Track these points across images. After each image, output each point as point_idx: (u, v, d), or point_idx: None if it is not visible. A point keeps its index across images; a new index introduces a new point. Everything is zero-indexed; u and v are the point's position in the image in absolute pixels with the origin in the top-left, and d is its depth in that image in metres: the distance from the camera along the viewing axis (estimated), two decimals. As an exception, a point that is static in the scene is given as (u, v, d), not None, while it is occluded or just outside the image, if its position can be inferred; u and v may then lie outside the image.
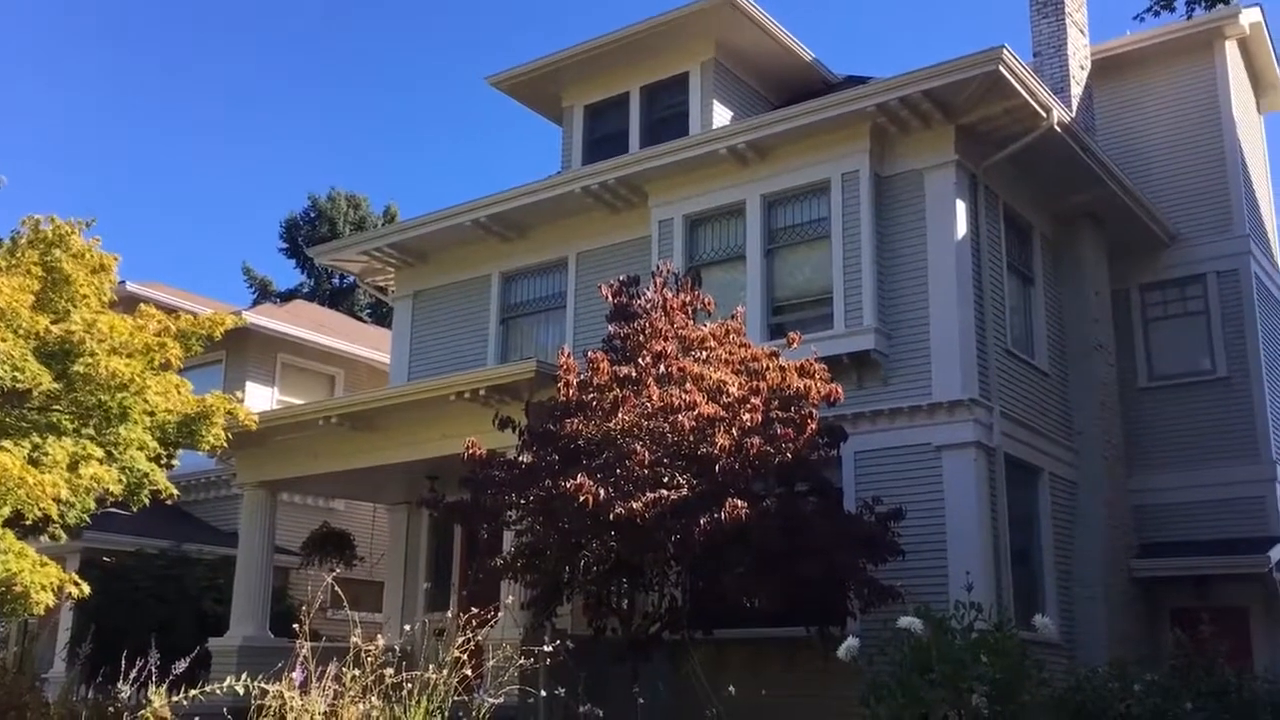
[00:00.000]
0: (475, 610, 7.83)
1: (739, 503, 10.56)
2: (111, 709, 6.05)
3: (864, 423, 13.44)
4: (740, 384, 11.61)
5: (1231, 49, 18.21)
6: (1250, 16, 18.04)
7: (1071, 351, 15.86)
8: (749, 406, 11.37)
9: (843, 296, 13.83)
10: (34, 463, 10.71)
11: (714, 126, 16.11)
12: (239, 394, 14.26)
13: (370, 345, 24.42)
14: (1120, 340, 16.98)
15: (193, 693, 7.30)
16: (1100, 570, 14.76)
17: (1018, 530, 13.72)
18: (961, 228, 13.63)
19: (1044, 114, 13.64)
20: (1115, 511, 15.50)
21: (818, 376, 11.94)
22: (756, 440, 11.14)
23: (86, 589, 12.28)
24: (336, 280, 44.47)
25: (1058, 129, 13.88)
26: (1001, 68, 12.80)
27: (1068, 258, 16.18)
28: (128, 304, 15.56)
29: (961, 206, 13.72)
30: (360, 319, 37.14)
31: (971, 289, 13.59)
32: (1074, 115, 15.84)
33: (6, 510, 10.73)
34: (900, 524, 11.90)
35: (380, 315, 38.08)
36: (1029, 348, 15.03)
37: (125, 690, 7.18)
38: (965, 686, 6.39)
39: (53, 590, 11.39)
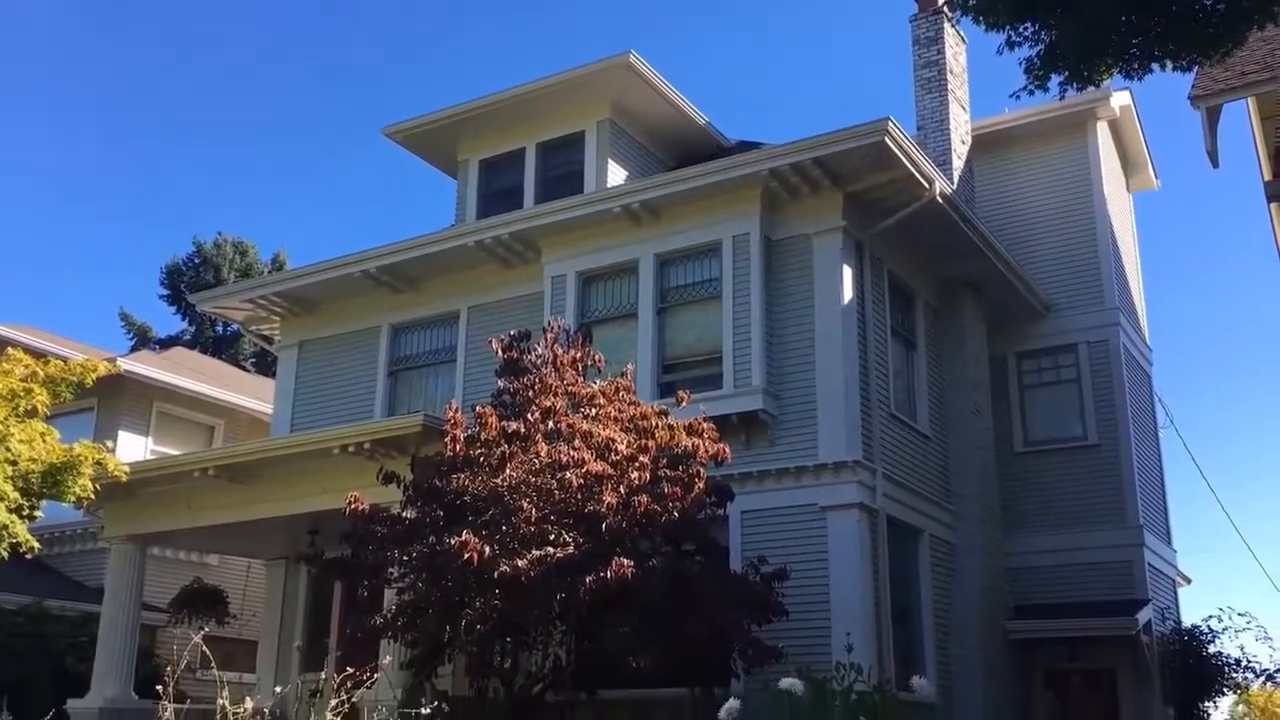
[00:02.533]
0: (352, 670, 7.61)
1: (625, 561, 10.51)
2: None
3: (751, 482, 13.55)
4: (629, 442, 11.61)
5: (1103, 130, 19.14)
6: (1120, 100, 18.99)
7: (951, 416, 16.28)
8: (637, 465, 11.37)
9: (732, 357, 13.99)
10: (-118, 512, 10.14)
11: (609, 185, 16.27)
12: (110, 443, 13.75)
13: (253, 395, 23.80)
14: (998, 406, 17.50)
15: (46, 758, 6.94)
16: (977, 631, 15.05)
17: (898, 591, 13.93)
18: (848, 292, 13.94)
19: (927, 185, 14.09)
20: (992, 573, 15.85)
21: (706, 436, 12.01)
22: (644, 499, 11.14)
23: (-65, 647, 11.64)
24: (220, 328, 43.37)
25: (940, 200, 14.35)
26: (887, 139, 13.22)
27: (949, 324, 16.67)
28: (-5, 347, 14.91)
29: (848, 272, 14.04)
30: (244, 368, 36.24)
31: (857, 353, 13.87)
32: (955, 187, 16.42)
33: None
34: (785, 584, 11.97)
35: (265, 365, 37.21)
36: (911, 411, 15.38)
37: (-28, 755, 6.77)
38: (844, 748, 6.43)
39: (-104, 647, 10.75)
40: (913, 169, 13.80)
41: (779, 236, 14.43)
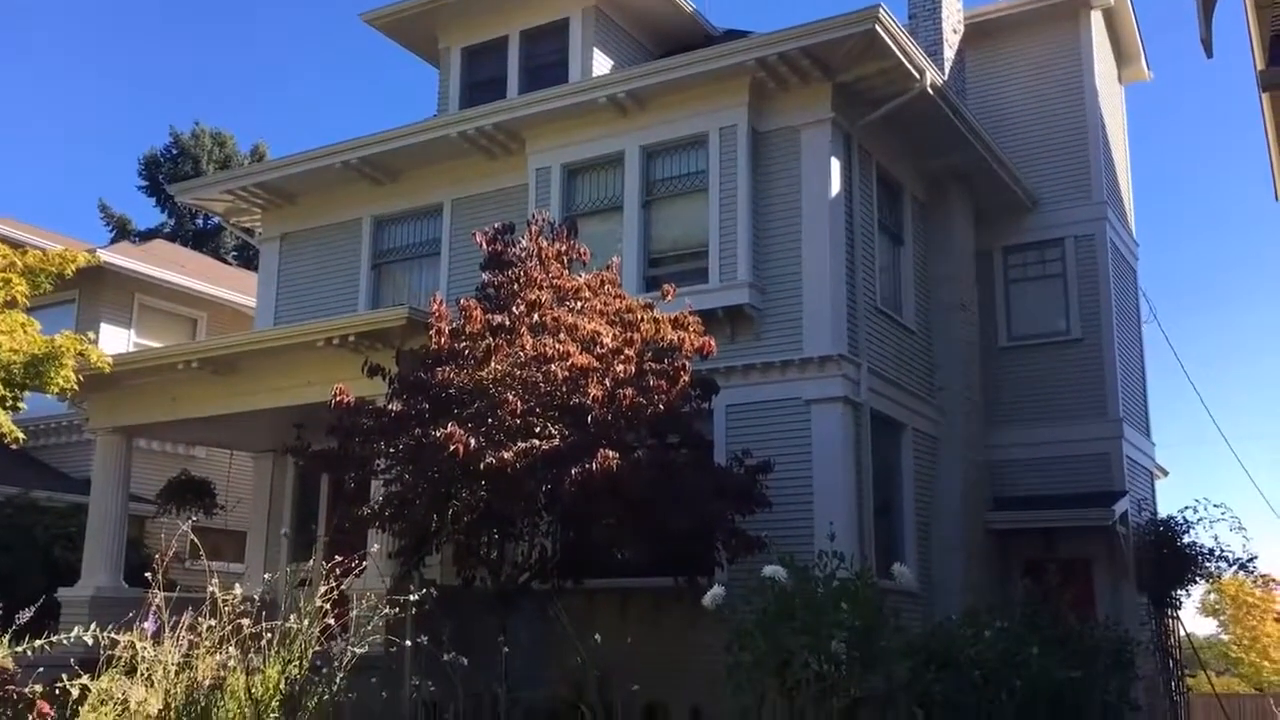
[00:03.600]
0: (340, 559, 7.67)
1: (610, 453, 10.57)
2: (-52, 661, 5.76)
3: (736, 376, 13.58)
4: (614, 335, 11.59)
5: (1097, 19, 18.80)
6: (1115, -13, 18.62)
7: (937, 310, 16.29)
8: (622, 358, 11.37)
9: (718, 251, 13.90)
10: None
11: (594, 75, 15.95)
12: (91, 335, 13.63)
13: (236, 288, 23.63)
14: (983, 300, 17.52)
15: (37, 642, 7.01)
16: (958, 522, 15.30)
17: (881, 483, 14.10)
18: (835, 186, 13.81)
19: (918, 76, 13.85)
20: (973, 466, 16.05)
21: (691, 329, 12.00)
22: (629, 391, 11.16)
23: (-77, 536, 11.69)
24: (201, 221, 42.86)
25: (930, 91, 14.12)
26: (877, 27, 12.94)
27: (936, 218, 16.57)
28: (-30, 238, 14.69)
29: (836, 164, 13.89)
30: (226, 261, 35.93)
31: (844, 247, 13.80)
32: (946, 78, 16.17)
33: None
34: (769, 476, 12.09)
35: (247, 258, 36.87)
36: (897, 305, 15.38)
37: (-37, 641, 6.84)
38: (825, 633, 6.54)
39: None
40: (904, 59, 13.55)
41: (766, 128, 14.23)
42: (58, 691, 6.46)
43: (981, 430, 16.67)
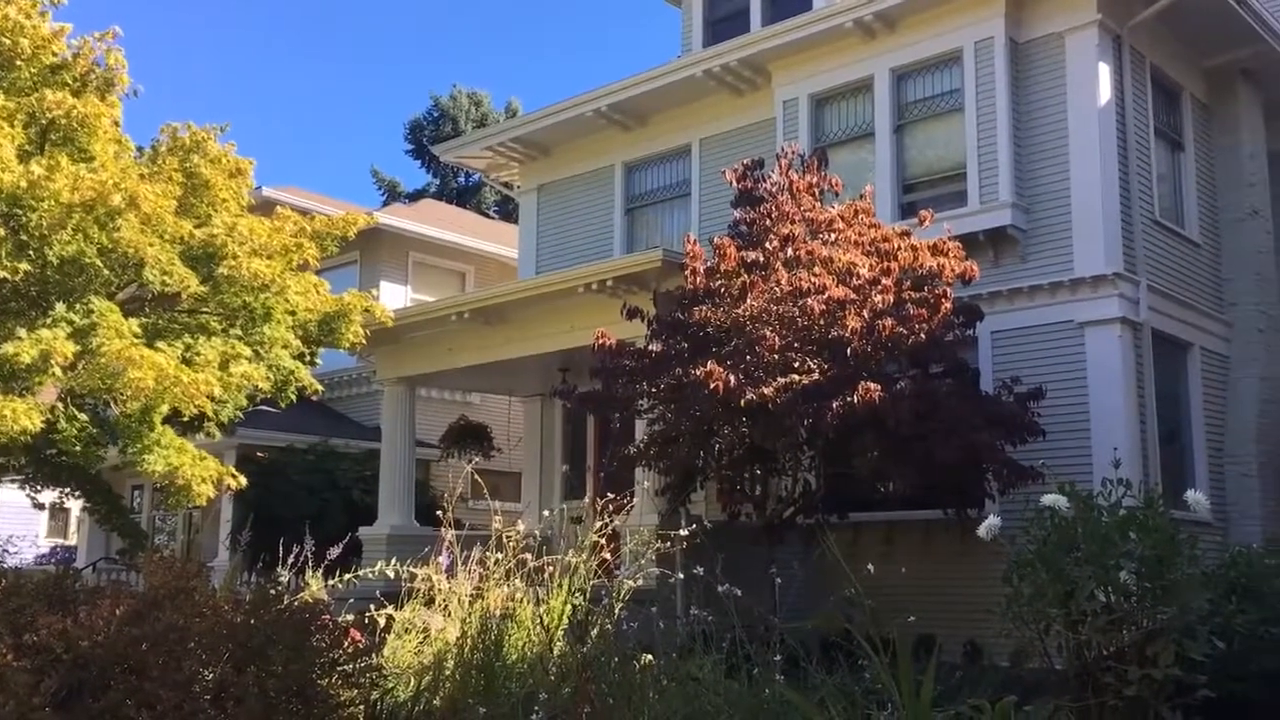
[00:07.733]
0: (611, 497, 7.92)
1: (872, 385, 10.41)
2: (273, 592, 6.38)
3: (1001, 301, 13.07)
4: (871, 265, 11.37)
5: None
6: None
7: (1225, 219, 15.05)
8: (880, 288, 11.15)
9: (977, 172, 13.34)
10: (187, 362, 11.23)
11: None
12: (374, 292, 14.60)
13: (498, 241, 24.67)
14: (1278, 205, 16.01)
15: (347, 577, 7.66)
16: (1254, 447, 14.19)
17: (1165, 407, 13.26)
18: (1105, 93, 12.93)
19: (1195, -36, 12.74)
20: (1271, 385, 14.81)
21: (952, 255, 11.62)
22: (888, 322, 10.94)
23: (244, 481, 12.93)
24: (462, 179, 44.93)
25: (1211, -20, 12.96)
26: (1149, -84, 11.95)
27: (1221, 120, 15.25)
28: (264, 208, 15.99)
29: (1105, 70, 12.99)
30: (488, 216, 37.54)
31: (1116, 158, 12.94)
32: (1229, -36, 14.74)
33: (165, 408, 11.29)
34: (1040, 404, 11.61)
35: (507, 212, 38.41)
36: (1178, 217, 14.32)
37: (285, 575, 7.55)
38: (1113, 563, 6.23)
39: (212, 483, 12.03)
40: (1178, -53, 12.47)
41: (1026, 38, 13.46)
42: (366, 620, 7.04)
43: (1280, 347, 15.33)
